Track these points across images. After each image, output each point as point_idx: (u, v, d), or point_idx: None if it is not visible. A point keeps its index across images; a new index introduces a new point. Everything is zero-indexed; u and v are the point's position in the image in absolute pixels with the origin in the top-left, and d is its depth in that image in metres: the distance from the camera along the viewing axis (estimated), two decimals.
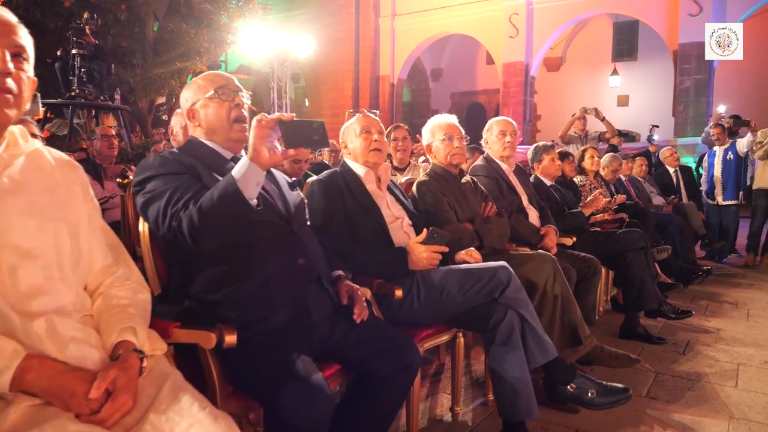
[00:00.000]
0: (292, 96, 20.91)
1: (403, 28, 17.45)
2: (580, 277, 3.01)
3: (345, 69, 17.93)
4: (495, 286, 1.86)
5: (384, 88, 17.86)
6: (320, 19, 17.65)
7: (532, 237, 2.96)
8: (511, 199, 3.02)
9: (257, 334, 1.41)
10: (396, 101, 17.98)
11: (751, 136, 5.89)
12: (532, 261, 2.37)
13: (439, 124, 2.57)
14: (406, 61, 17.70)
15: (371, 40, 17.74)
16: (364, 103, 17.95)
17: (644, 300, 3.28)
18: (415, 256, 1.92)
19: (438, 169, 2.58)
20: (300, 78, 19.80)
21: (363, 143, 2.14)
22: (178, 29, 9.04)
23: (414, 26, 17.22)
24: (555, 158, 3.59)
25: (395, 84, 17.88)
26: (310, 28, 16.85)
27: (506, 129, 3.04)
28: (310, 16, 16.98)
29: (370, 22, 17.66)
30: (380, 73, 17.89)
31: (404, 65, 17.75)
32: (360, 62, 17.91)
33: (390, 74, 17.76)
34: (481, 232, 2.44)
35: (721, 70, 13.38)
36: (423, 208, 2.45)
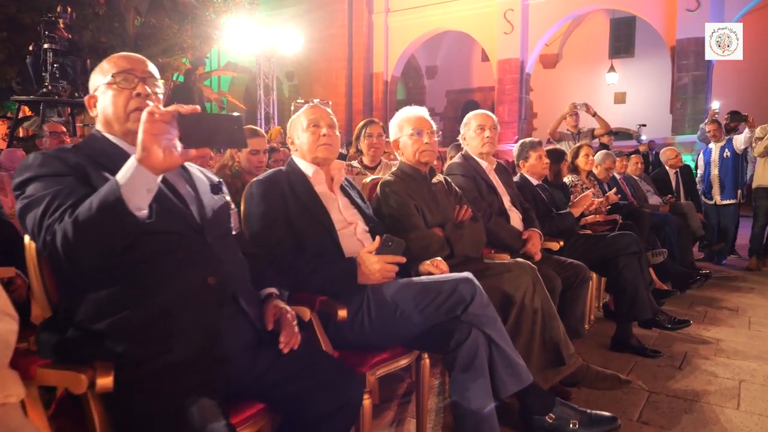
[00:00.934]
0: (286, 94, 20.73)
1: (397, 24, 17.18)
2: (566, 285, 2.75)
3: (338, 66, 17.67)
4: (456, 301, 1.59)
5: (378, 86, 17.58)
6: (312, 16, 17.39)
7: (514, 242, 2.69)
8: (491, 201, 2.75)
9: (151, 373, 1.14)
10: (390, 99, 17.70)
11: (748, 132, 5.62)
12: (509, 271, 2.10)
13: (407, 118, 2.30)
14: (399, 58, 17.44)
15: (364, 37, 17.47)
16: (357, 101, 17.70)
17: (638, 309, 3.01)
18: (366, 267, 1.65)
19: (406, 168, 2.31)
20: (294, 76, 19.55)
21: (311, 138, 1.87)
22: (160, 24, 8.75)
23: (408, 23, 16.96)
24: (542, 156, 3.32)
25: (389, 81, 17.61)
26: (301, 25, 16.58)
27: (485, 123, 2.77)
28: (301, 12, 16.70)
29: (364, 19, 17.39)
30: (374, 70, 17.63)
31: (398, 62, 17.49)
32: (353, 59, 17.65)
33: (384, 71, 17.49)
34: (452, 239, 2.17)
35: (719, 67, 13.12)
36: (387, 212, 2.18)
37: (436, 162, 2.46)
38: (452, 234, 2.18)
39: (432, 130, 2.29)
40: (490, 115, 2.81)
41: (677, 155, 6.24)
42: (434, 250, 2.10)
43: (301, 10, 16.92)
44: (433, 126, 2.31)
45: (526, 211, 2.91)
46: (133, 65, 1.35)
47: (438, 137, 2.34)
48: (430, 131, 2.28)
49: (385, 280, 1.66)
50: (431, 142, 2.27)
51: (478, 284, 1.63)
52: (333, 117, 1.94)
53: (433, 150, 2.28)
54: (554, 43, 17.52)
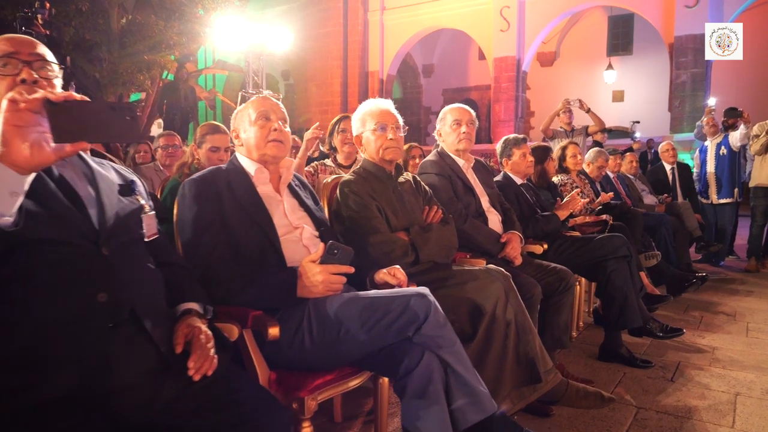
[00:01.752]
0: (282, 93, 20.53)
1: (393, 22, 16.98)
2: (549, 292, 2.55)
3: (333, 65, 17.47)
4: (408, 321, 1.39)
5: (373, 85, 17.37)
6: (307, 15, 17.21)
7: (492, 246, 2.50)
8: (467, 201, 2.55)
9: (19, 413, 0.94)
10: (385, 98, 17.38)
11: (744, 128, 5.42)
12: (478, 279, 1.91)
13: (370, 111, 2.11)
14: (395, 56, 17.23)
15: (360, 35, 17.26)
16: (352, 99, 17.48)
17: (627, 317, 2.82)
18: (308, 279, 1.45)
19: (369, 166, 2.12)
20: (290, 75, 19.36)
21: (259, 133, 1.67)
22: (146, 21, 8.54)
23: (403, 21, 16.75)
24: (527, 153, 3.13)
25: (385, 80, 17.40)
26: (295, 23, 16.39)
27: (461, 118, 2.57)
28: (295, 10, 16.50)
29: (359, 17, 17.18)
30: (369, 69, 17.42)
31: (394, 61, 17.28)
32: (348, 58, 17.45)
33: (379, 70, 17.29)
34: (418, 244, 1.97)
35: (718, 64, 12.90)
36: (346, 214, 1.99)
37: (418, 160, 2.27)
38: (418, 238, 1.99)
39: (397, 125, 2.10)
40: (467, 110, 2.62)
41: (670, 149, 6.03)
42: (397, 256, 1.91)
43: (295, 8, 16.73)
44: (398, 120, 2.12)
45: (507, 213, 2.72)
46: (17, 47, 1.16)
47: (404, 132, 2.15)
48: (395, 126, 2.09)
49: (329, 293, 1.46)
50: (396, 138, 2.07)
51: (434, 301, 1.43)
52: (284, 111, 1.74)
53: (398, 146, 2.09)
54: (551, 41, 17.32)
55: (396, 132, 2.08)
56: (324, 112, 17.95)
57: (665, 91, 13.76)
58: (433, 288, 1.85)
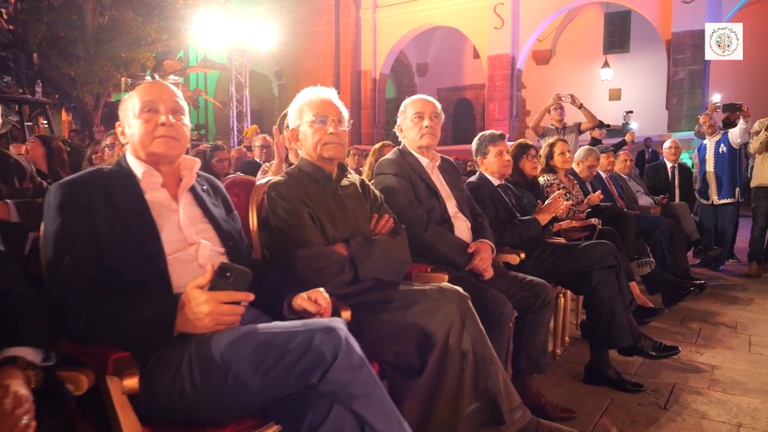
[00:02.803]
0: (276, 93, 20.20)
1: (385, 20, 16.69)
2: (524, 309, 2.24)
3: (325, 64, 17.17)
4: (311, 363, 1.07)
5: (366, 84, 17.08)
6: (298, 13, 16.92)
7: (457, 256, 2.18)
8: (430, 206, 2.23)
9: None
10: (378, 97, 17.20)
11: (743, 124, 5.09)
12: (429, 301, 1.59)
13: (309, 101, 1.80)
14: (388, 55, 16.93)
15: (352, 34, 16.97)
16: (345, 99, 16.94)
17: (615, 335, 2.50)
18: (191, 310, 1.14)
19: (305, 166, 1.80)
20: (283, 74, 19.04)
21: (144, 127, 1.36)
22: (123, 18, 8.23)
23: (396, 18, 16.46)
24: (504, 151, 2.81)
25: (377, 79, 17.10)
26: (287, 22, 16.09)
27: (424, 110, 2.26)
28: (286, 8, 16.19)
29: (351, 15, 16.89)
30: (362, 68, 17.13)
31: (386, 59, 16.98)
32: (340, 57, 17.15)
33: (372, 69, 16.99)
34: (358, 258, 1.65)
35: (717, 60, 12.59)
36: (274, 223, 1.67)
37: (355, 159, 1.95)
38: (359, 251, 1.67)
39: (340, 118, 1.79)
40: (430, 101, 2.30)
41: (671, 147, 5.70)
42: (331, 273, 1.60)
43: (286, 6, 16.42)
44: (342, 113, 1.81)
45: (478, 218, 2.40)
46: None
47: (349, 126, 1.84)
48: (338, 119, 1.77)
49: (219, 327, 1.15)
50: (338, 133, 1.76)
51: (345, 336, 1.11)
52: (181, 100, 1.43)
53: (339, 142, 1.77)
54: (547, 39, 17.03)
55: (338, 126, 1.76)
56: None
57: (663, 89, 13.47)
58: (375, 311, 1.54)
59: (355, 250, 1.67)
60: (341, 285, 1.62)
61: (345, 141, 1.81)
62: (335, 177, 1.82)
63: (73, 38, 8.05)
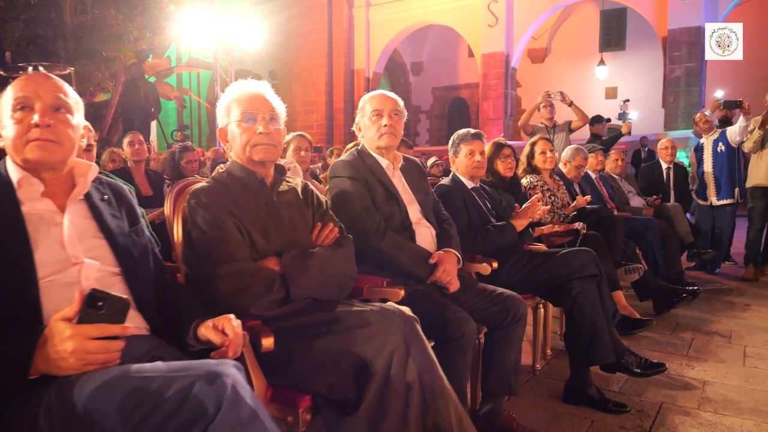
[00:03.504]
0: None
1: (378, 18, 16.49)
2: (494, 325, 2.04)
3: (318, 63, 16.98)
4: (189, 417, 0.87)
5: (359, 83, 16.85)
6: (290, 12, 16.71)
7: (418, 268, 1.98)
8: (389, 211, 2.03)
9: None
10: None
11: (743, 121, 4.88)
12: (369, 325, 1.38)
13: (237, 97, 1.59)
14: (381, 53, 16.74)
15: (345, 32, 16.76)
16: (338, 99, 16.99)
17: (597, 351, 2.29)
18: (54, 347, 0.93)
19: (235, 169, 1.60)
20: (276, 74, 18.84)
21: (16, 129, 1.15)
22: (103, 15, 8.00)
23: (389, 17, 16.26)
24: (475, 151, 2.59)
25: (371, 78, 16.88)
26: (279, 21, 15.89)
27: (382, 107, 2.05)
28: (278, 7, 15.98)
29: (344, 13, 16.68)
30: (355, 66, 16.93)
31: (380, 58, 16.79)
32: (333, 56, 16.96)
33: (365, 68, 16.79)
34: (291, 274, 1.45)
35: None
36: (195, 235, 1.47)
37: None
38: (292, 267, 1.46)
39: (273, 115, 1.58)
40: (390, 97, 2.09)
41: (668, 147, 5.50)
42: (256, 293, 1.39)
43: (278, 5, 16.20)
44: (275, 109, 1.60)
45: (444, 224, 2.19)
46: None
47: (282, 125, 1.63)
48: (269, 116, 1.56)
49: (87, 368, 0.94)
50: (269, 132, 1.55)
51: (233, 384, 0.90)
52: (66, 96, 1.21)
53: (271, 143, 1.56)
54: (542, 37, 16.83)
55: (269, 125, 1.55)
56: (309, 112, 17.42)
57: (659, 87, 13.26)
58: (308, 336, 1.34)
59: (287, 266, 1.46)
60: (271, 306, 1.41)
61: (278, 141, 1.59)
62: (271, 182, 1.61)
63: (52, 37, 7.81)
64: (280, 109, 1.62)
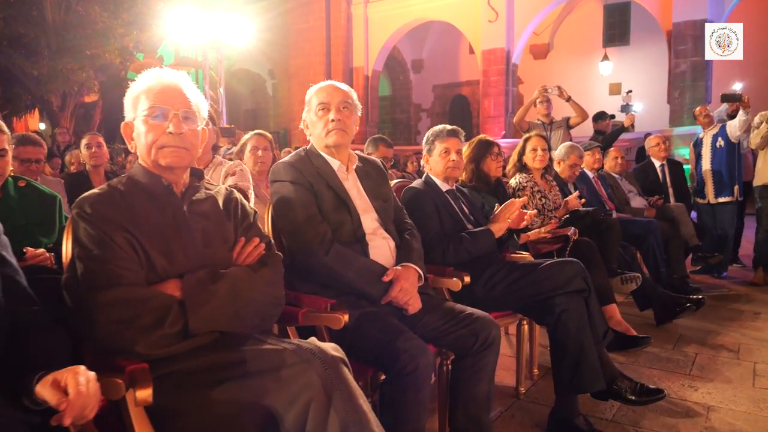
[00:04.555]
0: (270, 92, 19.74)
1: (377, 15, 16.19)
2: (461, 351, 1.77)
3: (316, 61, 16.71)
4: None
5: (358, 81, 16.56)
6: (288, 9, 16.47)
7: (370, 286, 1.70)
8: (339, 220, 1.75)
9: None
10: (371, 95, 16.70)
11: (743, 115, 4.58)
12: (283, 367, 1.10)
13: (148, 89, 1.31)
14: (380, 51, 16.44)
15: (343, 30, 16.49)
16: None
17: (584, 377, 2.01)
18: None
19: (138, 174, 1.33)
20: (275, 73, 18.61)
21: None
22: (87, 12, 7.77)
23: (388, 13, 15.97)
24: (451, 149, 2.31)
25: (370, 76, 16.60)
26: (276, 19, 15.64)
27: (330, 100, 1.78)
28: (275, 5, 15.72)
29: (342, 10, 16.40)
30: (353, 64, 16.64)
31: (379, 56, 16.49)
32: (332, 54, 16.68)
33: (364, 66, 16.49)
34: (192, 303, 1.17)
35: None
36: (76, 253, 1.20)
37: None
38: (195, 292, 1.19)
39: (189, 114, 1.31)
40: (340, 88, 1.82)
41: (659, 143, 5.20)
42: (145, 325, 1.12)
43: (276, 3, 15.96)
44: (192, 104, 1.33)
45: (405, 234, 1.91)
46: None
47: (203, 124, 1.36)
48: (184, 114, 1.29)
49: None
50: (180, 132, 1.28)
51: None
52: None
53: (182, 146, 1.29)
54: (545, 33, 16.48)
55: (182, 123, 1.28)
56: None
57: (664, 82, 12.92)
58: (204, 384, 1.07)
59: (188, 291, 1.19)
60: (164, 342, 1.14)
61: (193, 144, 1.32)
62: (182, 189, 1.34)
63: (34, 35, 7.60)
64: (201, 106, 1.35)
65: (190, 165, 1.34)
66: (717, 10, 11.42)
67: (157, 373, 1.11)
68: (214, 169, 2.70)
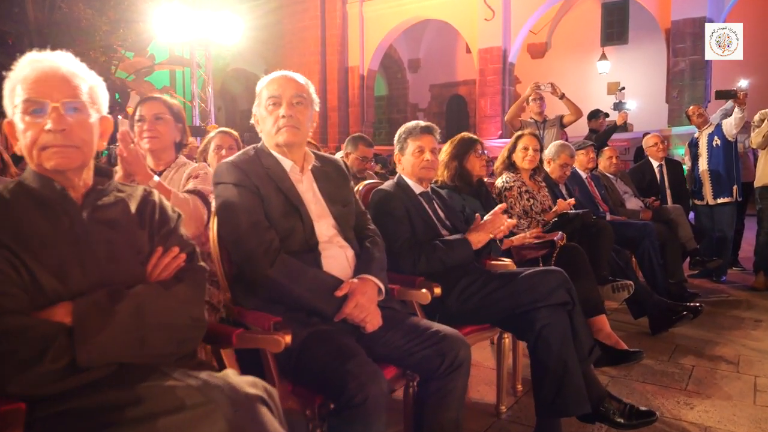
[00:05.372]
0: None
1: (372, 14, 16.02)
2: (427, 373, 1.57)
3: (311, 61, 16.51)
4: None
5: (353, 80, 16.41)
6: (283, 8, 16.29)
7: (321, 302, 1.51)
8: (288, 227, 1.56)
9: None
10: (367, 94, 16.53)
11: (739, 112, 4.40)
12: (184, 410, 0.91)
13: (24, 77, 1.12)
14: (376, 50, 16.26)
15: (338, 29, 16.30)
16: (332, 97, 16.53)
17: (567, 399, 1.82)
18: None
19: (29, 178, 1.13)
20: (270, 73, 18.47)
21: None
22: (71, 9, 7.59)
23: (384, 12, 15.79)
24: (425, 147, 2.12)
25: (366, 76, 16.43)
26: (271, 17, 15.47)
27: (281, 94, 1.59)
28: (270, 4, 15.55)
29: (337, 9, 16.22)
30: (349, 63, 16.46)
31: (375, 55, 16.31)
32: (327, 53, 16.51)
33: (360, 65, 16.31)
34: (84, 330, 0.98)
35: None
36: None
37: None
38: (88, 318, 1.00)
39: (76, 103, 1.12)
40: (293, 80, 1.63)
41: (656, 143, 5.02)
42: (23, 360, 0.93)
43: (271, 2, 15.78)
44: (80, 94, 1.13)
45: (367, 242, 1.72)
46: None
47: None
48: (67, 105, 1.10)
49: None
50: (63, 129, 1.08)
51: None
52: None
53: (69, 145, 1.09)
54: (542, 32, 16.29)
55: (63, 118, 1.09)
56: None
57: (663, 81, 12.73)
58: (89, 427, 0.87)
59: (80, 317, 1.00)
60: (46, 379, 0.95)
61: (82, 141, 1.11)
62: (83, 194, 1.15)
63: (17, 33, 7.42)
64: (97, 91, 1.16)
65: (84, 165, 1.13)
66: (716, 7, 11.24)
67: (40, 414, 0.92)
68: (177, 170, 2.47)
